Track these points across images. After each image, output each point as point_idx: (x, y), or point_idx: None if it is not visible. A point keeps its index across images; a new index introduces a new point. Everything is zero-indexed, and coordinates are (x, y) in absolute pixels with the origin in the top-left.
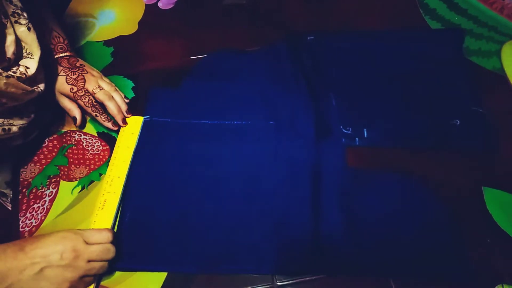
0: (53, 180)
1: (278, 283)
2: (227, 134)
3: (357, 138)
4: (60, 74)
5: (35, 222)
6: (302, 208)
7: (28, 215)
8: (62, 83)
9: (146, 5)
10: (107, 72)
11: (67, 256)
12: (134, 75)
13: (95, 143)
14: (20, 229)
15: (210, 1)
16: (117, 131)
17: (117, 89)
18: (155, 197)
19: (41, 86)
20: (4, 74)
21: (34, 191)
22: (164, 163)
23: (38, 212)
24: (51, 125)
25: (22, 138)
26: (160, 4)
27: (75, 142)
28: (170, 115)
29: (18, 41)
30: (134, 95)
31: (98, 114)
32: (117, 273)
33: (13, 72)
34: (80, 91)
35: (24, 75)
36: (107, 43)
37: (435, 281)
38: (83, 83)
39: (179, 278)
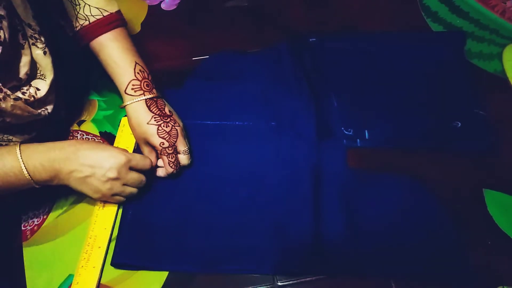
0: None
1: (279, 283)
2: (229, 134)
3: (358, 140)
4: (149, 123)
5: (37, 221)
6: (303, 208)
7: (30, 213)
8: (151, 133)
9: (149, 6)
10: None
11: (110, 174)
12: None
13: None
14: (22, 228)
15: (213, 3)
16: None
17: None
18: (157, 197)
19: (49, 108)
20: (13, 96)
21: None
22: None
23: (41, 211)
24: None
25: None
26: (163, 5)
27: None
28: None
29: (33, 63)
30: None
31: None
32: (118, 273)
33: (23, 93)
34: (170, 149)
35: (33, 98)
36: None
37: (435, 282)
38: (175, 140)
39: (180, 277)
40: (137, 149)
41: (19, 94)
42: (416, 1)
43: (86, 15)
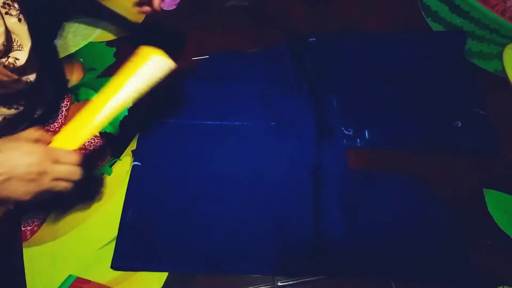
0: None
1: (279, 284)
2: (229, 134)
3: (358, 139)
4: None
5: (37, 221)
6: (303, 208)
7: (30, 214)
8: None
9: None
10: (109, 72)
11: (33, 170)
12: None
13: (97, 143)
14: (22, 228)
15: (213, 3)
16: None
17: None
18: (157, 197)
19: (31, 77)
20: None
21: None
22: (166, 163)
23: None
24: (44, 121)
25: (8, 129)
26: (163, 5)
27: None
28: (172, 115)
29: (8, 33)
30: None
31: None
32: (118, 273)
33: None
34: None
35: (12, 65)
36: (110, 43)
37: (436, 282)
38: None
39: (180, 278)
40: (139, 149)
41: None
42: (416, 1)
43: None
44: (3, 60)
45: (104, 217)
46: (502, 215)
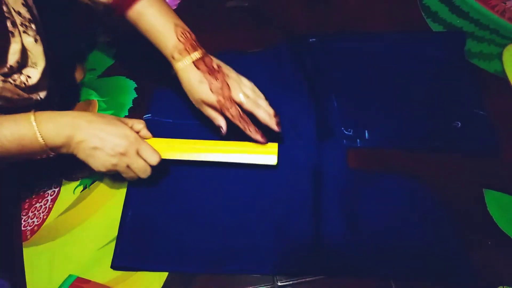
0: None
1: (279, 283)
2: (229, 134)
3: (358, 140)
4: (201, 81)
5: (37, 221)
6: (303, 209)
7: (30, 214)
8: (206, 93)
9: None
10: (110, 72)
11: (117, 151)
12: (137, 76)
13: None
14: (22, 228)
15: (213, 3)
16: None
17: (258, 91)
18: (157, 198)
19: (41, 94)
20: (1, 78)
21: (36, 190)
22: (166, 162)
23: (41, 211)
24: None
25: None
26: None
27: None
28: (172, 116)
29: (24, 51)
30: (136, 96)
31: (246, 127)
32: (118, 273)
33: (13, 80)
34: (228, 102)
35: (24, 84)
36: (110, 43)
37: (435, 282)
38: (229, 92)
39: (180, 277)
40: None
41: (10, 79)
42: (416, 1)
43: None
44: (16, 76)
45: (104, 217)
46: (502, 215)
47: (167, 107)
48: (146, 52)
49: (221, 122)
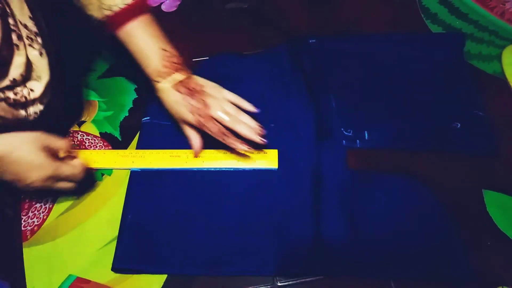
0: None
1: (279, 284)
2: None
3: (358, 140)
4: (179, 102)
5: (37, 221)
6: (303, 209)
7: (30, 214)
8: (184, 113)
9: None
10: (109, 73)
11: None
12: (136, 77)
13: (97, 144)
14: (22, 228)
15: (213, 5)
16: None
17: (243, 103)
18: (156, 199)
19: (38, 111)
20: None
21: None
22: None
23: (41, 211)
24: None
25: None
26: (163, 7)
27: (78, 143)
28: (171, 117)
29: (28, 64)
30: (136, 97)
31: (228, 141)
32: (118, 274)
33: (14, 94)
34: (207, 120)
35: (25, 98)
36: (111, 43)
37: (435, 282)
38: (208, 111)
39: (180, 278)
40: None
41: (10, 94)
42: (415, 3)
43: (110, 5)
44: (19, 89)
45: (104, 217)
46: (502, 216)
47: (164, 109)
48: None
49: (193, 142)
